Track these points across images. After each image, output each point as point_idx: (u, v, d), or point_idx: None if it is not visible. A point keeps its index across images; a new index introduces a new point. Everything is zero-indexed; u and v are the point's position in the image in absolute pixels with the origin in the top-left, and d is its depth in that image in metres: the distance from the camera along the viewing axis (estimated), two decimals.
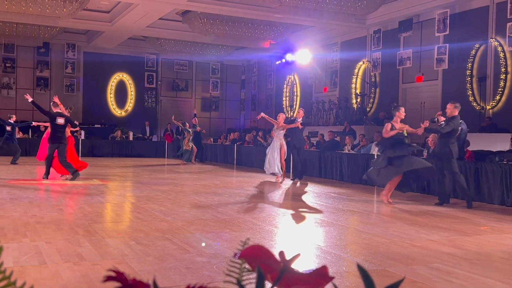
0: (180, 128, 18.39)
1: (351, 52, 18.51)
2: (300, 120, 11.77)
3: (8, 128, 15.51)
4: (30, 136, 19.83)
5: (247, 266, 0.77)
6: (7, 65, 21.68)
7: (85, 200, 8.22)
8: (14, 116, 16.14)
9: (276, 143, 11.66)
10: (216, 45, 22.31)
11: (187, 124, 18.16)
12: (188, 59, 24.67)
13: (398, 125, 8.16)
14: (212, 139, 22.30)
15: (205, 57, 23.81)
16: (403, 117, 8.30)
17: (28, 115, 21.93)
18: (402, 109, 8.31)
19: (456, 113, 8.28)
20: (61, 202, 7.55)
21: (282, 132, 11.76)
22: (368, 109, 17.80)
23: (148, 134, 22.85)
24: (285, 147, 11.68)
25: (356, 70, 18.42)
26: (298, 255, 0.76)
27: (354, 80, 18.50)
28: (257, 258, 0.71)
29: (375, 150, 12.12)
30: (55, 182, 10.58)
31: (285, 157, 11.77)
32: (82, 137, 20.08)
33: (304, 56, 19.68)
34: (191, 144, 17.79)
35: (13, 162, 15.21)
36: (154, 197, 8.45)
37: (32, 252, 4.39)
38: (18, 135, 19.57)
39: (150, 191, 9.23)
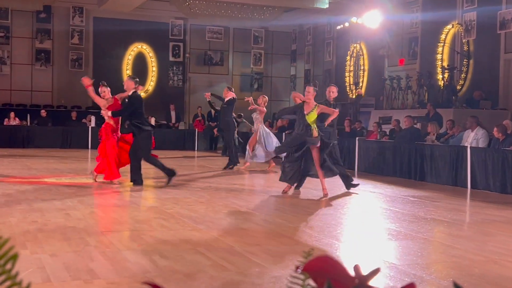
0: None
1: (437, 12, 18.12)
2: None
3: None
4: (28, 123, 20.51)
5: (311, 282, 0.78)
6: (0, 34, 22.44)
7: (97, 202, 8.44)
8: None
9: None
10: (259, 6, 22.35)
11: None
12: (223, 25, 24.82)
13: None
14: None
15: (245, 22, 23.89)
16: None
17: (26, 97, 22.68)
18: None
19: None
20: (68, 205, 7.80)
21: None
22: (458, 87, 17.43)
23: (173, 120, 23.19)
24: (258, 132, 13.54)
25: (442, 36, 18.05)
26: (377, 270, 0.77)
27: (440, 49, 18.14)
28: (325, 272, 0.73)
29: (468, 141, 11.85)
30: (60, 180, 10.92)
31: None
32: (93, 124, 20.61)
33: (374, 19, 19.42)
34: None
35: None
36: (182, 199, 8.59)
37: (33, 267, 4.56)
38: (15, 121, 20.31)
39: (177, 192, 9.39)
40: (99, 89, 10.11)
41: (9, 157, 15.84)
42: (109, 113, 10.01)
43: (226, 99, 13.79)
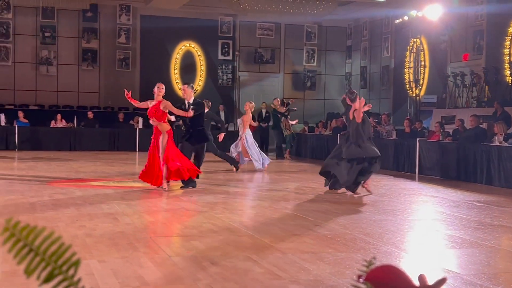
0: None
1: (503, 4, 17.71)
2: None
3: None
4: (75, 125, 21.02)
5: None
6: (46, 34, 23.06)
7: (146, 207, 8.59)
8: None
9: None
10: (312, 0, 22.29)
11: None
12: (275, 20, 24.87)
13: None
14: (306, 128, 22.38)
15: (297, 18, 23.88)
16: None
17: (73, 98, 23.24)
18: None
19: None
20: (116, 210, 7.97)
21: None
22: None
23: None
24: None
25: (510, 29, 17.67)
26: (444, 280, 0.77)
27: (507, 43, 17.74)
28: (389, 282, 0.73)
29: None
30: (108, 184, 11.16)
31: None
32: (140, 125, 20.98)
33: (435, 12, 19.11)
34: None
35: None
36: (232, 204, 8.66)
37: (81, 273, 4.67)
38: (61, 123, 20.86)
39: (226, 196, 9.47)
40: (157, 88, 10.08)
41: (57, 160, 16.29)
42: (190, 113, 10.26)
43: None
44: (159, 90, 9.98)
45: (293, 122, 18.80)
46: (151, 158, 10.10)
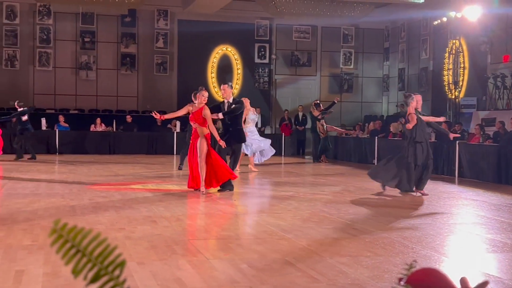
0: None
1: None
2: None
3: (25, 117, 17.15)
4: (114, 129, 21.31)
5: None
6: (86, 39, 23.44)
7: (183, 210, 8.66)
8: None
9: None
10: (349, 2, 22.20)
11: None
12: (311, 23, 24.83)
13: None
14: (343, 130, 22.27)
15: (334, 20, 23.80)
16: None
17: (112, 103, 23.56)
18: None
19: None
20: (154, 213, 8.05)
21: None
22: None
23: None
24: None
25: None
26: (486, 283, 0.77)
27: None
28: (430, 285, 0.73)
29: None
30: (147, 187, 11.29)
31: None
32: (178, 129, 21.16)
33: (474, 13, 18.83)
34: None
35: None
36: (269, 207, 8.67)
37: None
38: (101, 127, 21.17)
39: (263, 200, 9.48)
40: (200, 95, 10.11)
41: (96, 163, 16.53)
42: (220, 115, 10.33)
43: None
44: (204, 98, 10.03)
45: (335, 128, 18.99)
46: (190, 162, 10.17)
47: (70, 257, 0.85)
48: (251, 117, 15.31)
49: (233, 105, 10.60)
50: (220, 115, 10.55)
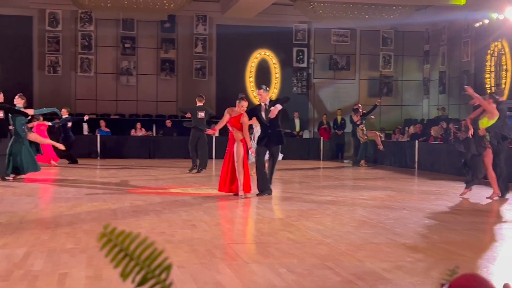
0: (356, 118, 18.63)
1: None
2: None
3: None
4: (154, 134, 21.54)
5: None
6: (126, 45, 23.77)
7: (223, 214, 8.71)
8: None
9: None
10: (388, 5, 22.03)
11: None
12: (350, 26, 24.71)
13: None
14: (383, 135, 22.09)
15: (373, 23, 23.63)
16: None
17: (152, 108, 23.82)
18: None
19: None
20: (194, 217, 8.11)
21: None
22: None
23: (297, 128, 23.39)
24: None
25: None
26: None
27: None
28: None
29: None
30: (186, 191, 11.38)
31: None
32: (216, 134, 21.24)
33: None
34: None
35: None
36: (308, 212, 8.65)
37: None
38: (141, 131, 21.43)
39: (302, 204, 9.47)
40: (240, 105, 10.19)
41: (137, 167, 16.74)
42: (279, 106, 10.42)
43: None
44: (243, 108, 10.12)
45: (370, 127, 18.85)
46: (225, 166, 10.23)
47: (118, 260, 0.87)
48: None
49: (272, 106, 10.59)
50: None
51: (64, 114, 17.20)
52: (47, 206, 9.04)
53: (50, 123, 17.22)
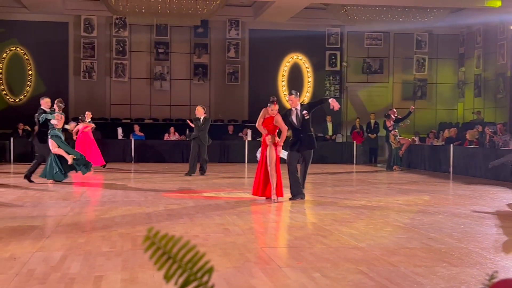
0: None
1: None
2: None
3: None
4: (187, 138, 21.66)
5: None
6: (160, 50, 24.01)
7: (255, 218, 8.74)
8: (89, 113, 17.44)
9: None
10: (422, 8, 21.84)
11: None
12: (383, 29, 24.56)
13: None
14: (417, 138, 21.88)
15: (407, 26, 23.47)
16: None
17: (185, 112, 23.99)
18: None
19: None
20: (227, 220, 8.16)
21: None
22: None
23: (330, 132, 23.31)
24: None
25: None
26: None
27: None
28: None
29: None
30: (219, 195, 11.44)
31: None
32: (249, 137, 21.35)
33: None
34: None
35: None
36: (341, 216, 8.62)
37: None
38: (174, 136, 21.59)
39: (336, 209, 9.44)
40: (270, 109, 10.23)
41: (170, 171, 16.88)
42: (305, 113, 10.42)
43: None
44: (274, 112, 10.15)
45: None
46: (259, 170, 10.25)
47: (162, 263, 0.90)
48: None
49: (304, 110, 10.60)
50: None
51: (88, 117, 17.28)
52: (82, 210, 9.18)
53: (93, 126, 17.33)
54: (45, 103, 13.04)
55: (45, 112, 12.86)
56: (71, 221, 7.87)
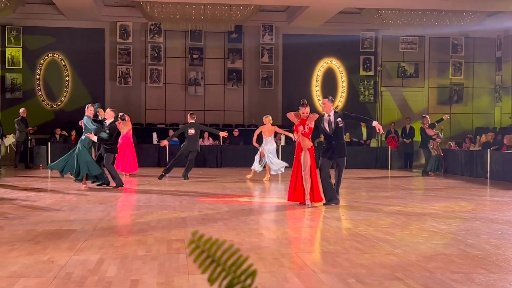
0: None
1: None
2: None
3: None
4: (221, 143, 21.77)
5: None
6: (194, 56, 24.20)
7: (290, 222, 8.73)
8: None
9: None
10: (459, 11, 21.60)
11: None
12: (418, 33, 24.35)
13: None
14: (453, 143, 21.62)
15: (442, 29, 23.24)
16: None
17: (219, 117, 24.13)
18: None
19: None
20: (261, 225, 8.17)
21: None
22: None
23: (364, 137, 23.18)
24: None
25: None
26: None
27: None
28: None
29: None
30: (253, 199, 11.46)
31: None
32: (282, 143, 21.34)
33: None
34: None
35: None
36: (376, 221, 8.57)
37: None
38: (208, 141, 21.68)
39: (370, 214, 9.38)
40: (300, 112, 10.23)
41: (205, 176, 16.98)
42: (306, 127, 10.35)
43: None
44: (305, 115, 10.10)
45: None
46: (294, 175, 10.24)
47: (206, 266, 0.91)
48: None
49: (339, 118, 10.53)
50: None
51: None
52: (119, 214, 9.29)
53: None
54: (107, 114, 13.25)
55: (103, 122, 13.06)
56: (107, 225, 7.98)
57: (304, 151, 10.03)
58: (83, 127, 12.93)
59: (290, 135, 15.37)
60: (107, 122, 13.11)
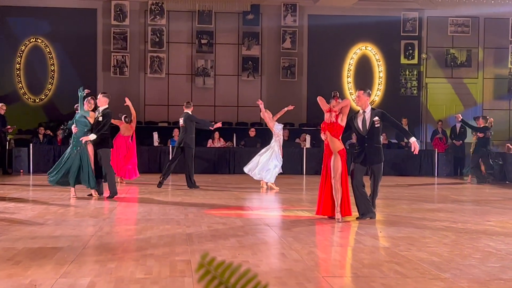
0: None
1: None
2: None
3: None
4: (234, 144, 21.80)
5: None
6: (203, 41, 24.23)
7: (316, 240, 8.72)
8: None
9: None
10: None
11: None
12: (471, 14, 24.24)
13: None
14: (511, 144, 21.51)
15: (499, 9, 23.10)
16: None
17: (232, 114, 24.13)
18: None
19: None
20: (282, 243, 8.17)
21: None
22: None
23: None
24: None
25: None
26: None
27: None
28: None
29: None
30: (272, 212, 11.45)
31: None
32: (307, 145, 21.32)
33: None
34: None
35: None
36: (420, 239, 8.53)
37: None
38: (219, 142, 21.73)
39: (412, 231, 9.35)
40: (331, 104, 10.15)
41: (215, 184, 17.01)
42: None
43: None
44: (337, 108, 10.00)
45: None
46: (322, 184, 10.19)
47: None
48: (277, 128, 16.17)
49: (376, 117, 10.43)
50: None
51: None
52: (113, 229, 9.33)
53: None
54: (99, 100, 13.26)
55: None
56: (99, 242, 8.01)
57: (334, 154, 9.98)
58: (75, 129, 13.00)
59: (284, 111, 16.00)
60: (100, 109, 13.17)
